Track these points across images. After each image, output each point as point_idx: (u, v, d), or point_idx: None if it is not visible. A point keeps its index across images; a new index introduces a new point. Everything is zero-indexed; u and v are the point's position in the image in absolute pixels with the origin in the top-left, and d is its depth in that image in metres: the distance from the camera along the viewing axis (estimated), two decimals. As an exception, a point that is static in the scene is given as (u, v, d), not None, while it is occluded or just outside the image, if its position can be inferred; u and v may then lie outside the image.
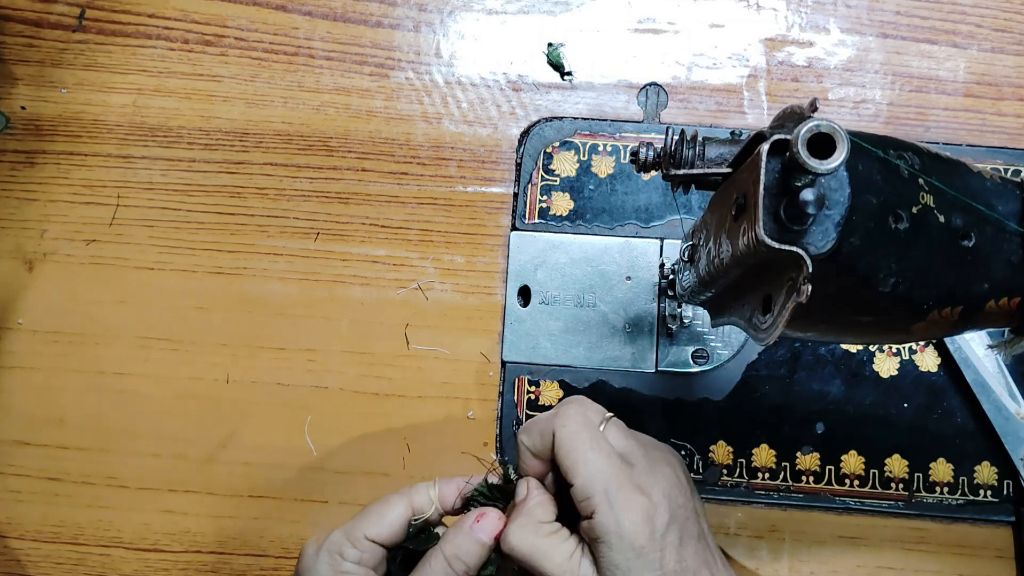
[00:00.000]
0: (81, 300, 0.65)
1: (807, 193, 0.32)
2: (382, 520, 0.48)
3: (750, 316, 0.40)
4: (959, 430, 0.60)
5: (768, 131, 0.37)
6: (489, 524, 0.48)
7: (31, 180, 0.66)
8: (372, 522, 0.48)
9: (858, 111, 0.65)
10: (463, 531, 0.47)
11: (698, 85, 0.66)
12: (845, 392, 0.61)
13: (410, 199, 0.65)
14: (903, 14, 0.66)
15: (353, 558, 0.47)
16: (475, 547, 0.47)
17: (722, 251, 0.40)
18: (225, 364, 0.64)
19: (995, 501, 0.60)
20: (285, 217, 0.65)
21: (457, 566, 0.47)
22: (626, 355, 0.63)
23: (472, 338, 0.63)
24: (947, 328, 0.41)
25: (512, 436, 0.62)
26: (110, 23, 0.68)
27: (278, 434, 0.63)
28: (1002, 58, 0.65)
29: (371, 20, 0.67)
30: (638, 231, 0.64)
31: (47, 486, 0.64)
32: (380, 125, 0.66)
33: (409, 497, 0.49)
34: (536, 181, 0.65)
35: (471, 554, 0.47)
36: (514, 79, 0.66)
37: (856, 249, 0.35)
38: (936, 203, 0.38)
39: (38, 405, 0.64)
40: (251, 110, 0.66)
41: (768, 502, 0.61)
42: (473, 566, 0.47)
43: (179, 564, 0.62)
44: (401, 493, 0.49)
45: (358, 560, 0.47)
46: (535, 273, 0.64)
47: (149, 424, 0.64)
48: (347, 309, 0.64)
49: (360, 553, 0.47)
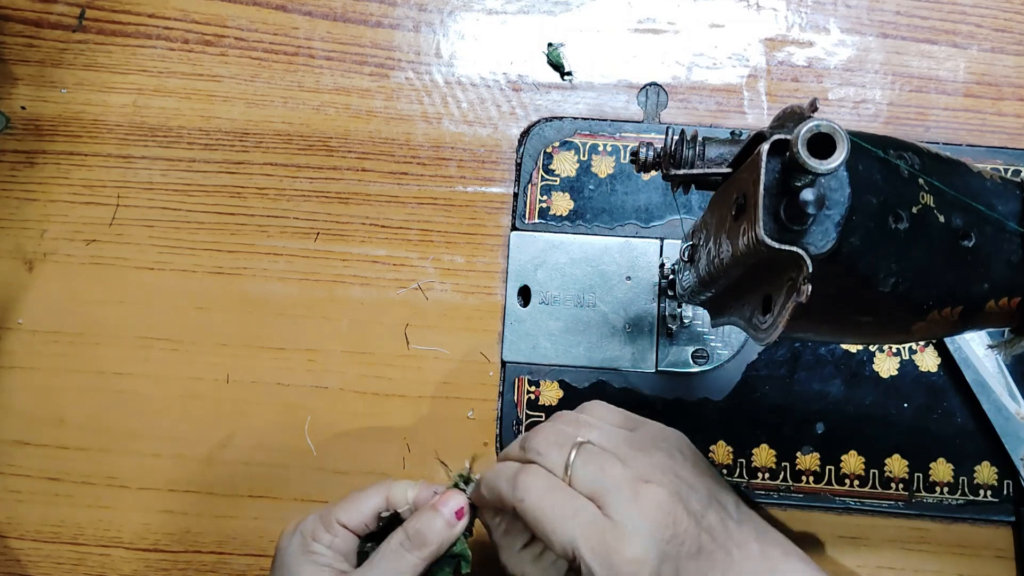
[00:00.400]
0: (81, 300, 0.65)
1: (807, 193, 0.32)
2: (356, 507, 0.49)
3: (750, 316, 0.40)
4: (959, 430, 0.60)
5: (768, 131, 0.37)
6: (452, 501, 0.48)
7: (31, 180, 0.66)
8: (346, 508, 0.49)
9: (858, 111, 0.65)
10: (426, 508, 0.48)
11: (698, 85, 0.66)
12: (845, 392, 0.61)
13: (410, 199, 0.65)
14: (903, 14, 0.66)
15: (325, 541, 0.48)
16: (437, 522, 0.47)
17: (722, 251, 0.40)
18: (225, 364, 0.64)
19: (995, 501, 0.60)
20: (285, 217, 0.65)
21: (416, 539, 0.47)
22: (626, 355, 0.63)
23: (472, 338, 0.63)
24: (947, 328, 0.41)
25: (512, 436, 0.62)
26: (110, 23, 0.68)
27: (278, 434, 0.63)
28: (1002, 58, 0.65)
29: (371, 20, 0.67)
30: (638, 231, 0.64)
31: (47, 486, 0.64)
32: (380, 125, 0.66)
33: (388, 491, 0.50)
34: (536, 181, 0.65)
35: (432, 530, 0.47)
36: (514, 79, 0.66)
37: (856, 249, 0.35)
38: (936, 203, 0.38)
39: (38, 405, 0.64)
40: (251, 110, 0.66)
41: (768, 502, 0.61)
42: (434, 544, 0.47)
43: (179, 564, 0.63)
44: (380, 485, 0.50)
45: (329, 544, 0.48)
46: (535, 273, 0.64)
47: (149, 424, 0.64)
48: (347, 309, 0.64)
49: (332, 538, 0.48)
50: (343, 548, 0.48)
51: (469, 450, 0.62)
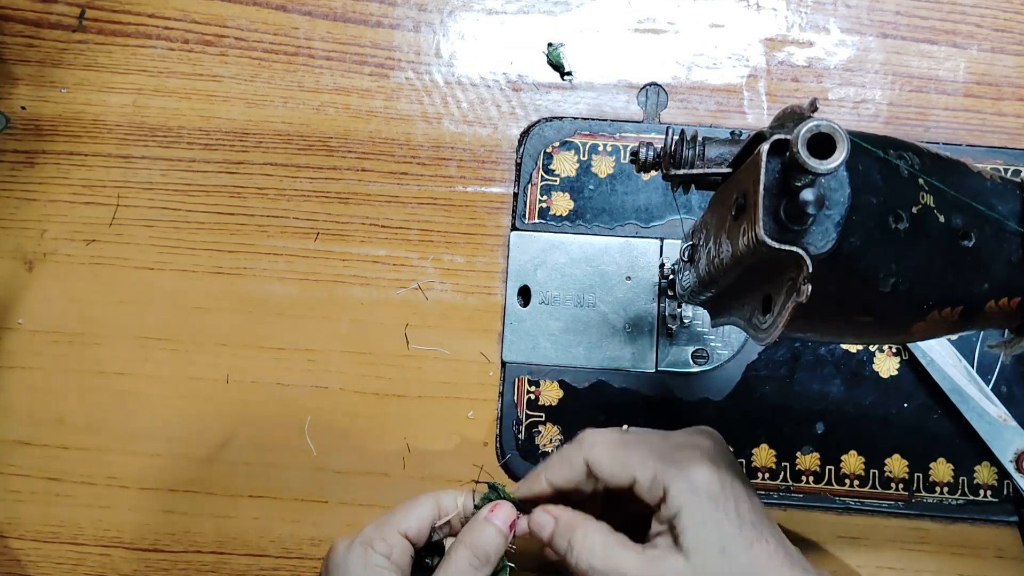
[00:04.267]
0: (81, 300, 0.65)
1: (807, 193, 0.32)
2: (411, 515, 0.49)
3: (750, 316, 0.40)
4: (959, 430, 0.60)
5: (768, 131, 0.37)
6: (503, 513, 0.49)
7: (31, 180, 0.66)
8: (401, 516, 0.49)
9: (858, 111, 0.65)
10: (479, 521, 0.49)
11: (698, 85, 0.66)
12: (845, 392, 0.61)
13: (410, 199, 0.65)
14: (903, 14, 0.66)
15: (383, 551, 0.48)
16: (493, 534, 0.48)
17: (722, 251, 0.40)
18: (225, 364, 0.64)
19: (995, 501, 0.60)
20: (285, 217, 0.65)
21: (480, 553, 0.47)
22: (626, 355, 0.63)
23: (472, 338, 0.63)
24: (947, 328, 0.41)
25: (512, 436, 0.62)
26: (110, 23, 0.68)
27: (278, 434, 0.63)
28: (1002, 58, 0.65)
29: (371, 20, 0.67)
30: (638, 231, 0.64)
31: (47, 486, 0.64)
32: (380, 125, 0.66)
33: (437, 498, 0.50)
34: (536, 181, 0.65)
35: (490, 542, 0.48)
36: (514, 79, 0.66)
37: (856, 249, 0.35)
38: (936, 203, 0.38)
39: (38, 405, 0.64)
40: (251, 110, 0.66)
41: (768, 502, 0.61)
42: (493, 555, 0.48)
43: (179, 564, 0.62)
44: (430, 494, 0.51)
45: (387, 554, 0.48)
46: (535, 273, 0.64)
47: (149, 424, 0.64)
48: (347, 309, 0.64)
49: (389, 548, 0.48)
50: (400, 560, 0.48)
51: (469, 450, 0.62)
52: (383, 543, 0.48)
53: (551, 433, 0.62)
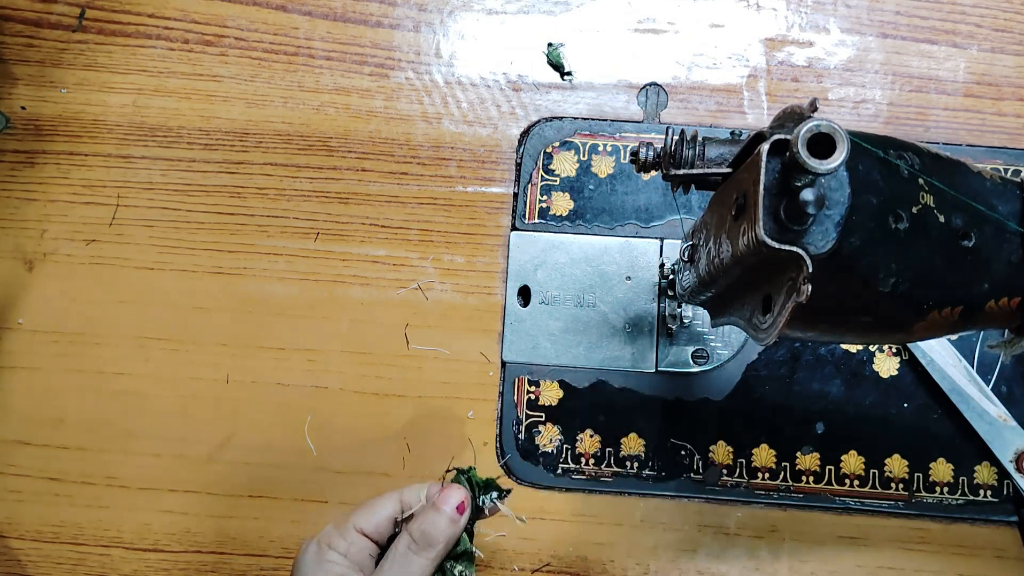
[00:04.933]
0: (81, 300, 0.65)
1: (807, 193, 0.32)
2: (371, 512, 0.49)
3: (750, 316, 0.40)
4: (959, 430, 0.60)
5: (768, 131, 0.37)
6: (450, 496, 0.48)
7: (31, 180, 0.66)
8: (360, 514, 0.49)
9: (858, 111, 0.65)
10: (427, 507, 0.48)
11: (698, 85, 0.66)
12: (845, 392, 0.61)
13: (410, 199, 0.65)
14: (903, 14, 0.66)
15: (340, 549, 0.48)
16: (440, 520, 0.47)
17: (722, 251, 0.40)
18: (225, 364, 0.64)
19: (995, 501, 0.60)
20: (285, 217, 0.65)
21: (423, 540, 0.47)
22: (626, 355, 0.63)
23: (472, 338, 0.63)
24: (947, 328, 0.41)
25: (512, 435, 0.62)
26: (110, 23, 0.68)
27: (278, 434, 0.63)
28: (1002, 58, 0.65)
29: (371, 20, 0.67)
30: (638, 231, 0.64)
31: (47, 486, 0.64)
32: (380, 125, 0.66)
33: (400, 495, 0.50)
34: (536, 181, 0.65)
35: (436, 528, 0.47)
36: (514, 79, 0.66)
37: (856, 249, 0.35)
38: (936, 203, 0.38)
39: (38, 405, 0.64)
40: (251, 110, 0.66)
41: (768, 502, 0.61)
42: (441, 542, 0.47)
43: (179, 564, 0.62)
44: (394, 491, 0.50)
45: (345, 551, 0.48)
46: (535, 273, 0.64)
47: (149, 424, 0.64)
48: (347, 309, 0.64)
49: (348, 545, 0.48)
50: (359, 557, 0.48)
51: (469, 450, 0.62)
52: (341, 541, 0.48)
53: (551, 433, 0.62)
